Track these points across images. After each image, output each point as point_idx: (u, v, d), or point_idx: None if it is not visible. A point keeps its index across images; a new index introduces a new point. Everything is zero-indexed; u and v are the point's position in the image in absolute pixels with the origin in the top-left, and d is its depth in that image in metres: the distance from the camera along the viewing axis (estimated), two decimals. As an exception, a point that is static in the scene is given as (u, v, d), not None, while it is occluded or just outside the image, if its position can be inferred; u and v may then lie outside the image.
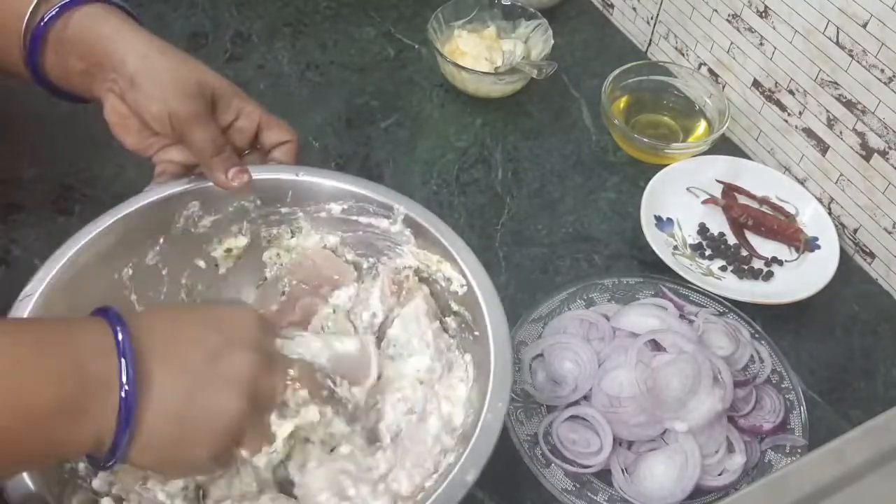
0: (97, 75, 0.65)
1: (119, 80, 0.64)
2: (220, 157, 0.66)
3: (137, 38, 0.65)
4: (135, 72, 0.63)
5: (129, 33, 0.65)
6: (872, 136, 0.80)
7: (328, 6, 1.10)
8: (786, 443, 0.69)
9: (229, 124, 0.68)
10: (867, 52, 0.77)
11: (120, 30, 0.64)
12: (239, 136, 0.69)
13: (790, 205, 0.88)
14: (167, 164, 0.68)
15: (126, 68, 0.63)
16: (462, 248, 0.64)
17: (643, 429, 0.68)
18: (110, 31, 0.64)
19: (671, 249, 0.84)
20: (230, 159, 0.66)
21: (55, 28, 0.64)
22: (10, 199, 0.83)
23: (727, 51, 0.93)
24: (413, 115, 0.97)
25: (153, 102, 0.64)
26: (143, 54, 0.64)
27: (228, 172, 0.66)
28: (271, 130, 0.69)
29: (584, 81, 1.02)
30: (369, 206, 0.68)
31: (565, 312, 0.76)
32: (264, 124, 0.69)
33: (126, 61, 0.63)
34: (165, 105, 0.63)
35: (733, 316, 0.76)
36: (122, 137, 0.68)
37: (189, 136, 0.65)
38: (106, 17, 0.65)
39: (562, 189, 0.91)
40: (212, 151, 0.65)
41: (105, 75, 0.65)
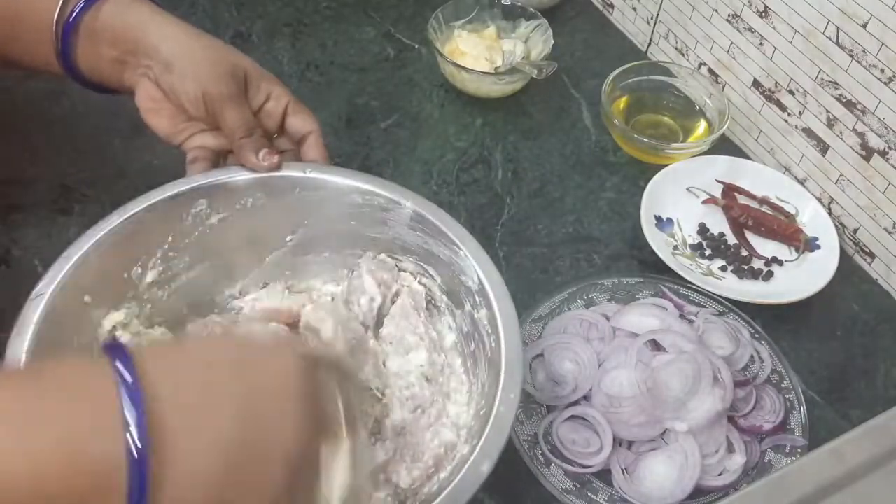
0: (129, 62, 0.67)
1: (154, 66, 0.66)
2: (252, 139, 0.67)
3: (168, 24, 0.66)
4: (169, 55, 0.65)
5: (160, 20, 0.66)
6: (872, 136, 0.80)
7: (328, 6, 1.10)
8: (786, 443, 0.69)
9: (260, 107, 0.69)
10: (867, 52, 0.77)
11: (150, 17, 0.66)
12: (268, 119, 0.70)
13: (790, 205, 0.88)
14: (199, 151, 0.69)
15: (160, 53, 0.65)
16: (469, 240, 0.64)
17: (643, 429, 0.68)
18: (141, 19, 0.66)
19: (671, 249, 0.84)
20: (260, 141, 0.68)
21: (85, 20, 0.65)
22: (10, 199, 0.83)
23: (727, 51, 0.93)
24: (413, 115, 0.97)
25: (188, 83, 0.65)
26: (176, 38, 0.65)
27: (259, 153, 0.67)
28: (296, 116, 0.71)
29: (584, 81, 1.02)
30: (376, 201, 0.68)
31: (565, 312, 0.76)
32: (290, 109, 0.71)
33: (160, 46, 0.65)
34: (200, 85, 0.65)
35: (733, 316, 0.76)
36: (155, 122, 0.69)
37: (222, 117, 0.66)
38: (134, 6, 0.67)
39: (562, 189, 0.91)
40: (244, 132, 0.67)
41: (138, 62, 0.66)
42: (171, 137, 0.70)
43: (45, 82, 0.94)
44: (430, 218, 0.66)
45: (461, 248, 0.64)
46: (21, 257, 0.79)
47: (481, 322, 0.64)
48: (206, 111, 0.67)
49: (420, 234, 0.67)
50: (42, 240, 0.80)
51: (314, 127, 0.71)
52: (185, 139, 0.70)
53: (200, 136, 0.69)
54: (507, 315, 0.60)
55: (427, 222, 0.66)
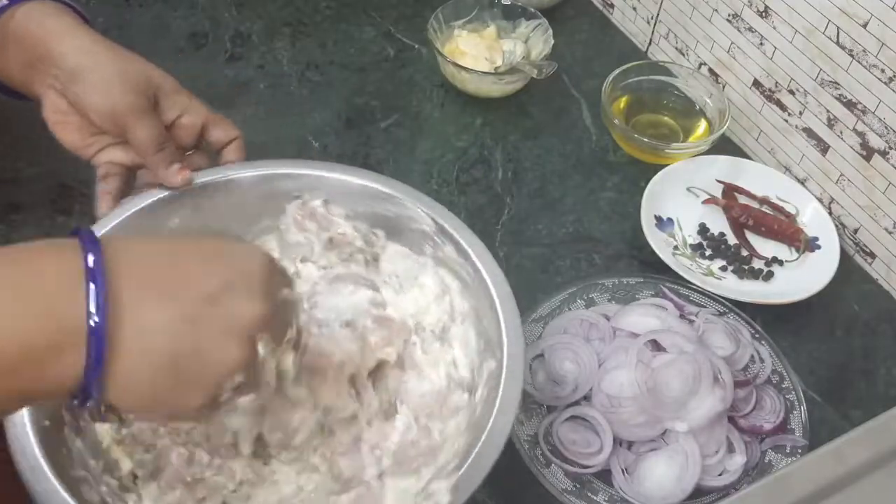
0: (39, 69, 0.64)
1: (60, 76, 0.63)
2: (163, 154, 0.65)
3: (81, 34, 0.64)
4: (77, 66, 0.63)
5: (74, 30, 0.64)
6: (873, 136, 0.80)
7: (328, 6, 1.10)
8: (786, 443, 0.69)
9: (173, 122, 0.67)
10: (867, 51, 0.77)
11: (65, 26, 0.64)
12: (183, 134, 0.68)
13: (790, 205, 0.88)
14: (110, 166, 0.67)
15: (67, 62, 0.63)
16: (476, 244, 0.64)
17: (643, 429, 0.68)
18: (55, 26, 0.64)
19: (671, 249, 0.84)
20: (173, 155, 0.65)
21: (1, 21, 0.64)
22: (9, 199, 0.83)
23: (727, 51, 0.93)
24: (413, 114, 0.97)
25: (95, 96, 0.63)
26: (86, 49, 0.63)
27: (170, 168, 0.65)
28: (217, 127, 0.69)
29: (584, 81, 1.02)
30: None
31: (565, 312, 0.76)
32: (210, 122, 0.68)
33: (69, 55, 0.63)
34: (108, 98, 0.63)
35: (733, 316, 0.76)
36: (62, 136, 0.67)
37: (131, 131, 0.64)
38: (52, 13, 0.65)
39: (562, 189, 0.91)
40: (154, 148, 0.64)
41: (46, 70, 0.64)
42: (80, 151, 0.67)
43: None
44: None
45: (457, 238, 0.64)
46: (21, 257, 0.79)
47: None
48: (115, 125, 0.64)
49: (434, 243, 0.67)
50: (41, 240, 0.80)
51: (236, 133, 0.69)
52: (95, 153, 0.67)
53: (111, 150, 0.67)
54: (509, 314, 0.61)
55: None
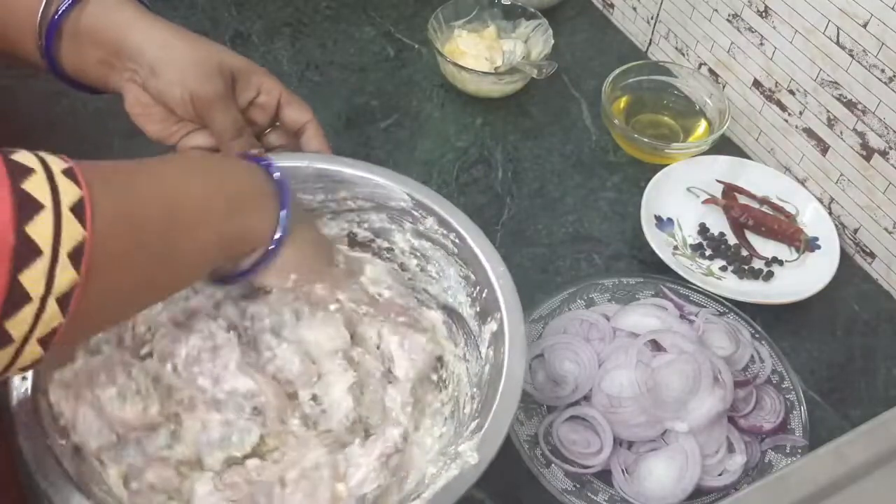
0: (115, 65, 0.66)
1: (139, 70, 0.65)
2: (240, 141, 0.67)
3: (153, 25, 0.65)
4: (154, 59, 0.64)
5: (144, 21, 0.65)
6: (873, 136, 0.79)
7: (328, 6, 1.10)
8: (786, 443, 0.69)
9: (251, 101, 0.69)
10: (867, 51, 0.77)
11: (134, 18, 0.65)
12: (260, 113, 0.70)
13: (790, 205, 0.88)
14: (194, 151, 0.69)
15: (145, 57, 0.64)
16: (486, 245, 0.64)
17: (643, 429, 0.68)
18: (125, 20, 0.65)
19: (671, 249, 0.84)
20: (249, 142, 0.68)
21: (69, 19, 0.65)
22: (9, 199, 0.83)
23: (727, 51, 0.93)
24: (413, 115, 0.97)
25: (175, 87, 0.65)
26: (160, 41, 0.64)
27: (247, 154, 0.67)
28: (290, 107, 0.70)
29: (584, 81, 1.02)
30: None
31: (565, 312, 0.76)
32: (284, 101, 0.70)
33: (144, 49, 0.64)
34: (186, 88, 0.64)
35: (733, 316, 0.76)
36: (146, 127, 0.68)
37: (210, 119, 0.66)
38: (119, 6, 0.66)
39: (562, 189, 0.91)
40: (232, 134, 0.67)
41: (123, 65, 0.65)
42: (165, 140, 0.69)
43: (45, 82, 0.94)
44: (476, 251, 0.65)
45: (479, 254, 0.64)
46: (21, 257, 0.79)
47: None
48: (194, 113, 0.66)
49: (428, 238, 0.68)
50: (42, 240, 0.80)
51: (310, 116, 0.71)
52: (179, 139, 0.69)
53: (194, 135, 0.69)
54: (514, 322, 0.61)
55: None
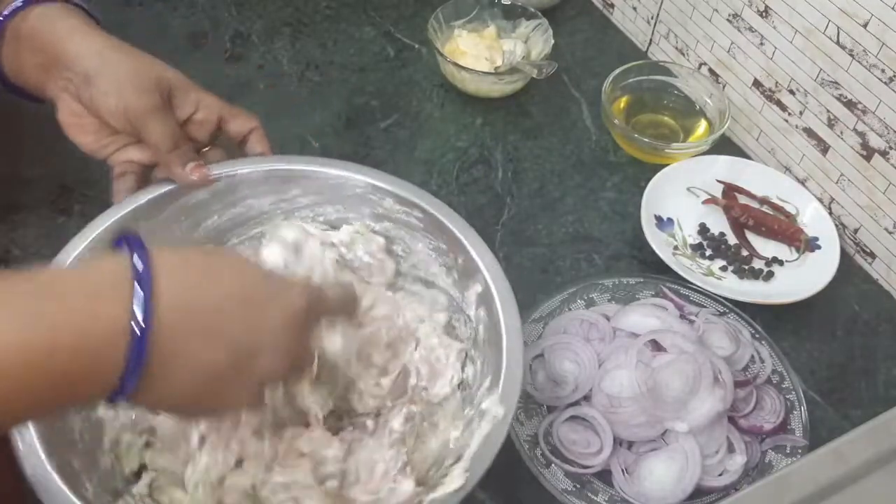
0: (52, 72, 0.65)
1: (74, 79, 0.64)
2: (178, 152, 0.65)
3: (93, 36, 0.65)
4: (90, 68, 0.63)
5: (85, 32, 0.65)
6: (873, 136, 0.79)
7: (328, 6, 1.10)
8: (786, 443, 0.69)
9: (188, 118, 0.67)
10: (868, 51, 0.77)
11: (76, 28, 0.65)
12: (199, 130, 0.68)
13: (791, 205, 0.88)
14: (126, 165, 0.68)
15: (81, 65, 0.63)
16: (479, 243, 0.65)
17: (643, 429, 0.68)
18: (66, 29, 0.64)
19: (671, 249, 0.84)
20: (187, 154, 0.66)
21: (13, 23, 0.64)
22: (9, 199, 0.83)
23: (727, 50, 0.93)
24: (413, 115, 0.97)
25: (109, 97, 0.63)
26: (97, 51, 0.64)
27: (187, 167, 0.65)
28: (235, 119, 0.69)
29: (584, 81, 1.02)
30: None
31: (565, 312, 0.76)
32: (226, 115, 0.69)
33: (81, 58, 0.63)
34: (121, 99, 0.63)
35: (734, 316, 0.76)
36: (78, 139, 0.67)
37: (146, 131, 0.64)
38: (63, 15, 0.65)
39: (562, 189, 0.91)
40: (169, 146, 0.65)
41: (59, 73, 0.64)
42: (97, 153, 0.68)
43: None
44: (443, 220, 0.66)
45: (471, 250, 0.64)
46: (20, 257, 0.79)
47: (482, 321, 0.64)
48: (129, 125, 0.65)
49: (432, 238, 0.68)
50: (42, 240, 0.80)
51: (255, 124, 0.69)
52: (111, 153, 0.68)
53: (127, 149, 0.67)
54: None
55: (443, 227, 0.66)
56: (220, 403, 0.49)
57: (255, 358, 0.48)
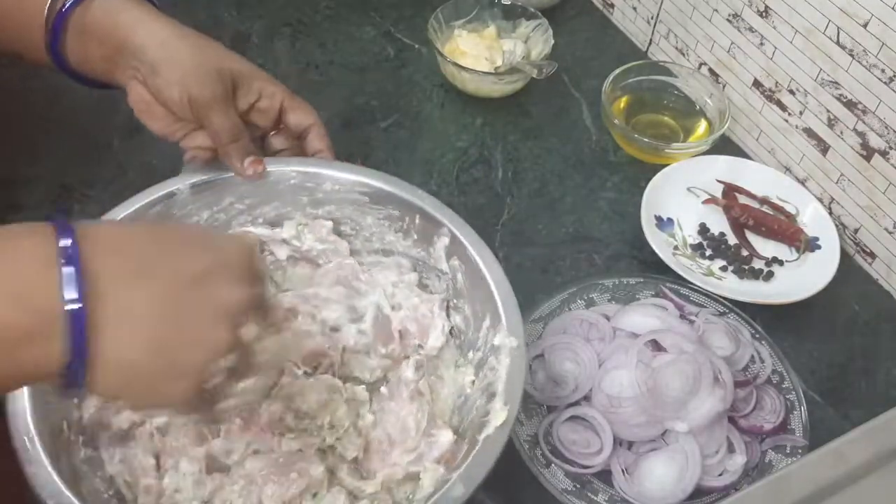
0: (118, 62, 0.66)
1: (141, 67, 0.65)
2: (237, 145, 0.67)
3: (156, 23, 0.66)
4: (154, 58, 0.64)
5: (148, 19, 0.65)
6: (873, 136, 0.79)
7: (328, 6, 1.10)
8: (786, 443, 0.69)
9: (251, 106, 0.69)
10: (868, 51, 0.77)
11: (139, 16, 0.65)
12: (261, 117, 0.70)
13: (791, 205, 0.88)
14: (196, 150, 0.69)
15: (146, 55, 0.64)
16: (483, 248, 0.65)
17: (643, 429, 0.68)
18: (129, 18, 0.65)
19: (671, 249, 0.84)
20: (247, 147, 0.67)
21: (75, 15, 0.65)
22: (10, 199, 0.83)
23: (727, 50, 0.93)
24: (413, 115, 0.97)
25: (173, 88, 0.64)
26: (162, 40, 0.64)
27: (244, 161, 0.67)
28: (294, 112, 0.70)
29: (584, 81, 1.01)
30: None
31: (565, 312, 0.76)
32: (287, 106, 0.70)
33: (146, 48, 0.64)
34: (184, 91, 0.64)
35: (734, 316, 0.76)
36: (149, 123, 0.69)
37: (207, 122, 0.66)
38: (125, 3, 0.66)
39: (562, 189, 0.91)
40: (229, 138, 0.66)
41: (126, 62, 0.65)
42: (168, 136, 0.69)
43: (45, 82, 0.94)
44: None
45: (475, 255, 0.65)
46: (21, 257, 0.79)
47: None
48: (192, 115, 0.66)
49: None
50: (42, 240, 0.80)
51: (314, 119, 0.71)
52: (181, 138, 0.69)
53: (195, 135, 0.69)
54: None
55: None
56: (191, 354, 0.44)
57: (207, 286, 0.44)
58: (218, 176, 0.68)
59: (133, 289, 0.42)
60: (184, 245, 0.46)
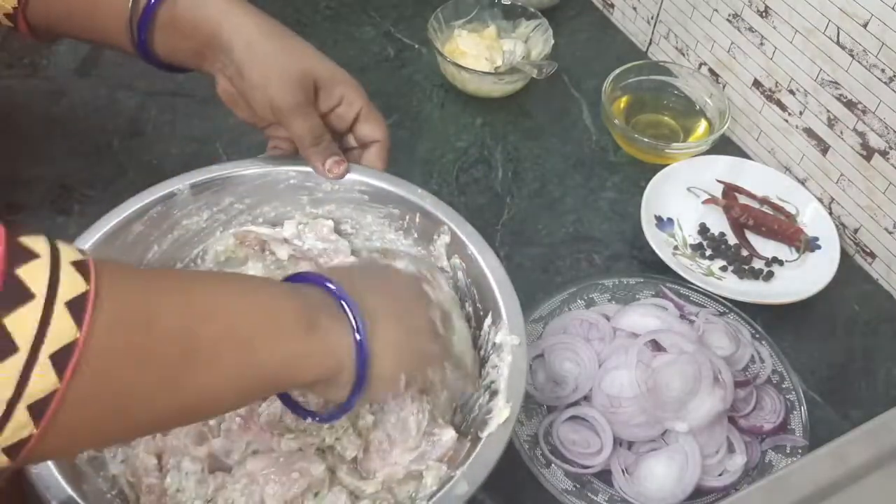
0: (207, 55, 0.66)
1: (228, 64, 0.65)
2: (319, 148, 0.67)
3: (244, 20, 0.65)
4: (240, 60, 0.64)
5: (237, 15, 0.65)
6: (873, 136, 0.79)
7: (328, 6, 1.10)
8: (786, 443, 0.69)
9: (331, 109, 0.69)
10: (868, 51, 0.77)
11: (227, 11, 0.65)
12: (339, 121, 0.70)
13: (791, 205, 0.88)
14: (279, 141, 0.70)
15: (233, 55, 0.64)
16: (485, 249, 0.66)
17: (643, 429, 0.68)
18: (216, 14, 0.65)
19: (671, 249, 0.84)
20: (329, 149, 0.68)
21: (162, 10, 0.65)
22: (10, 199, 0.83)
23: (727, 50, 0.93)
24: (413, 115, 0.97)
25: (256, 91, 0.65)
26: (248, 41, 0.64)
27: (326, 162, 0.67)
28: (366, 123, 0.70)
29: (584, 81, 1.02)
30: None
31: (565, 312, 0.76)
32: (362, 116, 0.70)
33: (232, 47, 0.64)
34: (266, 94, 0.65)
35: (734, 316, 0.76)
36: (236, 111, 0.69)
37: (289, 126, 0.66)
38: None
39: (562, 189, 0.91)
40: (310, 142, 0.67)
41: (215, 56, 0.66)
42: (254, 125, 0.70)
43: (45, 82, 0.94)
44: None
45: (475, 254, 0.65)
46: (21, 257, 0.79)
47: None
48: (275, 118, 0.66)
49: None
50: (42, 240, 0.80)
51: (382, 137, 0.70)
52: (266, 127, 0.70)
53: (279, 126, 0.69)
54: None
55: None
56: (422, 356, 0.55)
57: (420, 337, 0.55)
58: (219, 175, 0.68)
59: (387, 326, 0.52)
60: (415, 297, 0.57)
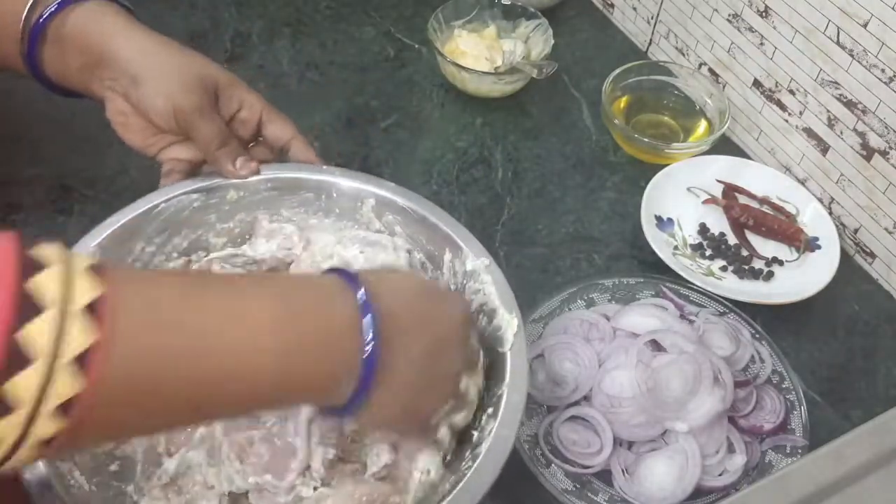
0: (95, 73, 0.65)
1: (120, 79, 0.64)
2: (227, 149, 0.66)
3: (136, 34, 0.65)
4: (136, 69, 0.63)
5: (128, 30, 0.65)
6: (873, 136, 0.79)
7: (328, 6, 1.10)
8: (786, 443, 0.69)
9: (232, 116, 0.68)
10: (868, 51, 0.77)
11: (118, 26, 0.65)
12: (242, 128, 0.69)
13: (791, 205, 0.88)
14: (174, 163, 0.68)
15: (127, 66, 0.63)
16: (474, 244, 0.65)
17: (643, 429, 0.68)
18: (109, 28, 0.64)
19: (671, 249, 0.84)
20: (236, 150, 0.67)
21: (53, 24, 0.64)
22: (10, 199, 0.83)
23: (727, 50, 0.93)
24: (413, 115, 0.97)
25: (157, 98, 0.64)
26: (143, 50, 0.64)
27: (236, 163, 0.66)
28: (273, 124, 0.70)
29: (584, 81, 1.02)
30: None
31: (565, 312, 0.76)
32: (266, 118, 0.69)
33: (127, 58, 0.63)
34: (170, 100, 0.63)
35: (734, 316, 0.76)
36: (126, 137, 0.68)
37: (194, 130, 0.65)
38: (104, 14, 0.65)
39: (562, 189, 0.91)
40: (218, 144, 0.66)
41: (103, 73, 0.64)
42: (144, 150, 0.68)
43: (44, 82, 0.94)
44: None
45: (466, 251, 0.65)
46: (21, 257, 0.79)
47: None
48: (177, 125, 0.65)
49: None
50: (41, 240, 0.80)
51: (293, 132, 0.70)
52: (158, 151, 0.68)
53: (173, 148, 0.68)
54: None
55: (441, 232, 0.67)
56: (431, 401, 0.54)
57: (447, 349, 0.52)
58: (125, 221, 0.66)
59: (409, 339, 0.50)
60: (441, 301, 0.54)
